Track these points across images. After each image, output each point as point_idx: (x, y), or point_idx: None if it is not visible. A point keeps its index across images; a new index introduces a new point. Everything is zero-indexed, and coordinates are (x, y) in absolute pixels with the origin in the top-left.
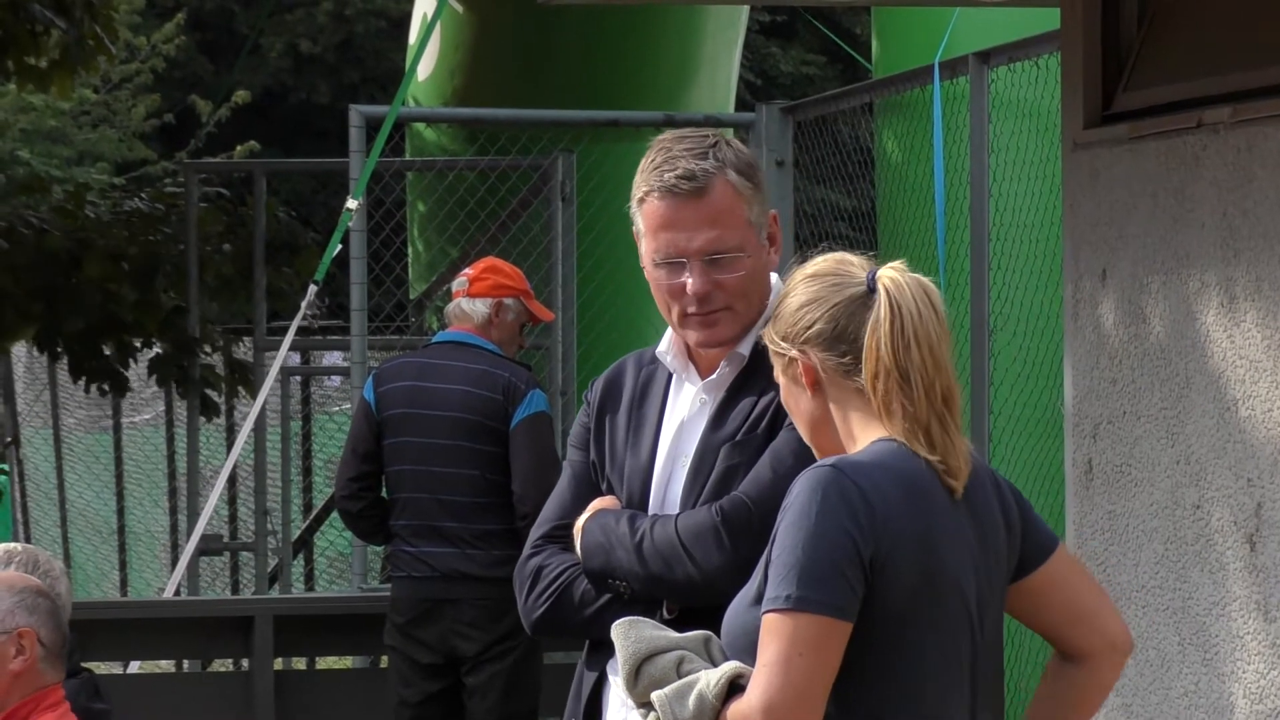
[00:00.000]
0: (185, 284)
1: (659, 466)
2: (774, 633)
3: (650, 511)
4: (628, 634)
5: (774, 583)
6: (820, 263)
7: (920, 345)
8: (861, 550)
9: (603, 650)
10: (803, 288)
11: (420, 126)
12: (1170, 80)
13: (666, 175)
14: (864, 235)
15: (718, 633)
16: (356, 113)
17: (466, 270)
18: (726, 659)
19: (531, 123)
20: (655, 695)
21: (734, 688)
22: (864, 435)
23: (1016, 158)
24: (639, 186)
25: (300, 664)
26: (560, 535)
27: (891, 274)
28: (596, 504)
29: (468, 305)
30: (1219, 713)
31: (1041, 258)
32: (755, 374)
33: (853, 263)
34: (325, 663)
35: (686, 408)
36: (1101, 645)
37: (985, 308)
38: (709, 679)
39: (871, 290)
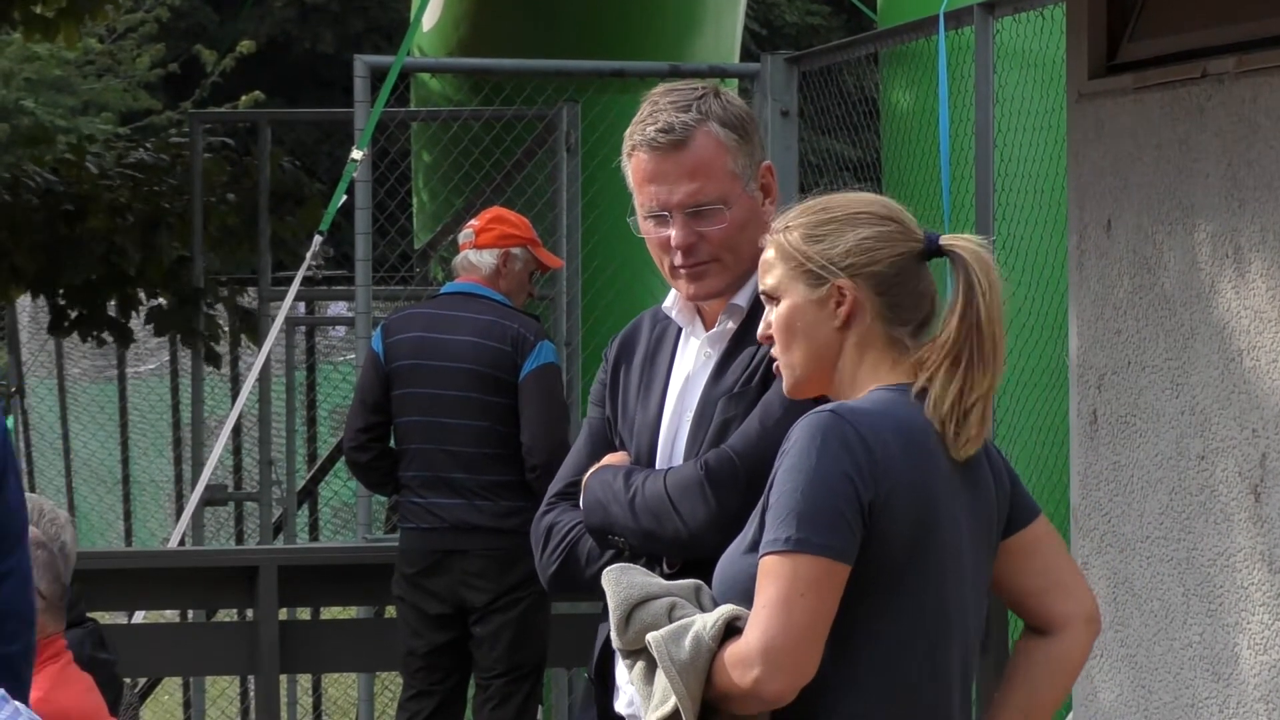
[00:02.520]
0: (189, 235)
1: (666, 421)
2: (773, 574)
3: (658, 466)
4: (618, 580)
5: (773, 525)
6: (876, 202)
7: (997, 325)
8: (861, 494)
9: None
10: (866, 221)
11: (425, 77)
12: (1175, 30)
13: (648, 129)
14: (869, 186)
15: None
16: (361, 63)
17: (472, 222)
18: (717, 607)
19: (536, 73)
20: (650, 637)
21: (730, 630)
22: (868, 379)
23: (1021, 108)
24: (627, 140)
25: (305, 614)
26: (572, 492)
27: (973, 246)
28: (604, 460)
29: (475, 257)
30: (1224, 664)
31: (1046, 208)
32: (754, 326)
33: (905, 213)
34: (330, 613)
35: (692, 362)
36: (1076, 613)
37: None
38: (705, 621)
39: (930, 252)
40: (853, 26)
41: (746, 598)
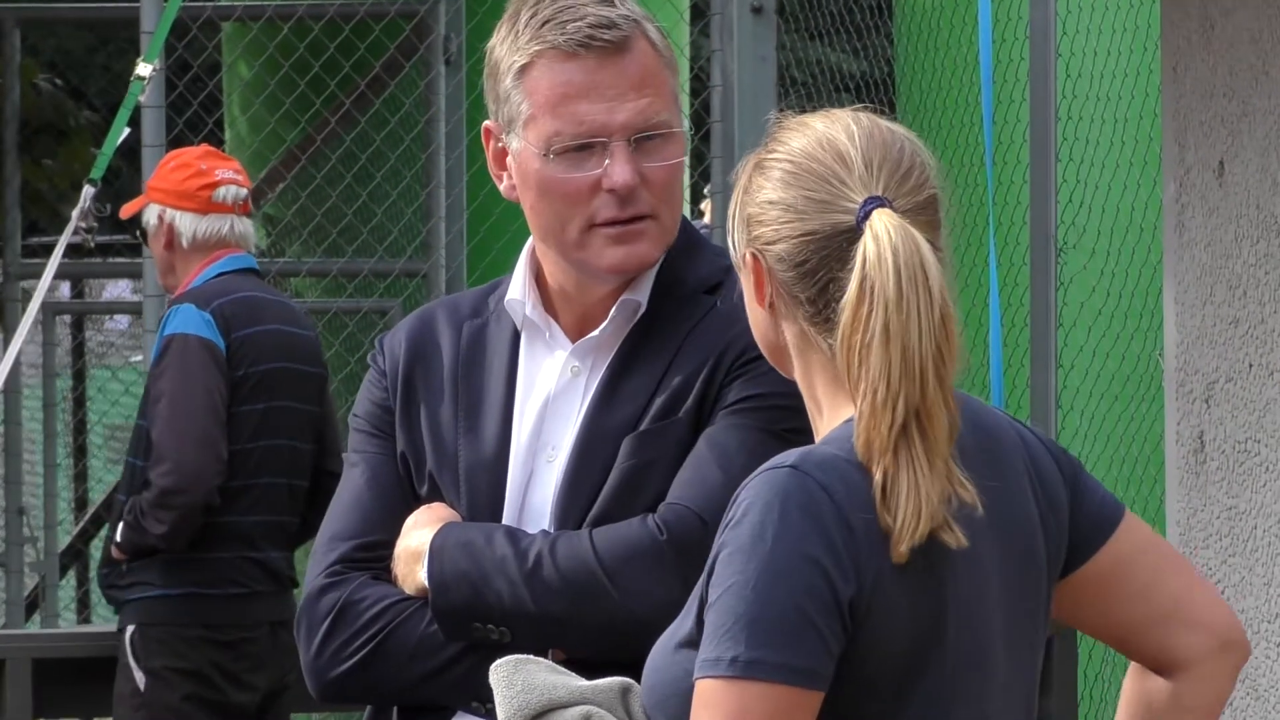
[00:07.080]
0: None
1: (516, 461)
2: (712, 706)
3: (505, 522)
4: (511, 679)
5: (713, 637)
6: (831, 143)
7: (891, 343)
8: (838, 589)
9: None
10: (793, 174)
11: None
12: None
13: (571, 26)
14: (879, 113)
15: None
16: None
17: (227, 174)
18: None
19: None
20: None
21: None
22: (833, 400)
23: (1095, 2)
24: (520, 52)
25: None
26: (367, 560)
27: (885, 225)
28: (433, 515)
29: (244, 227)
30: None
31: (1130, 144)
32: (658, 330)
33: (854, 167)
34: None
35: (553, 379)
36: (1204, 645)
37: (1051, 218)
38: None
39: (860, 233)
40: None
41: (685, 716)
